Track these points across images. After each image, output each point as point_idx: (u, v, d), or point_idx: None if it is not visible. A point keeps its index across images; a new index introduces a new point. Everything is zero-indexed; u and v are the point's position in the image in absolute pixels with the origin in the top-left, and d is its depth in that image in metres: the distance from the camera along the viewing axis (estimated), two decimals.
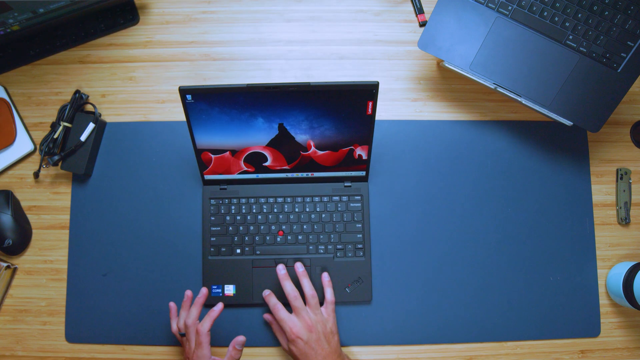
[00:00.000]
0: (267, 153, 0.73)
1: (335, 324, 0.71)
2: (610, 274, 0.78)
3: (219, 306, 0.68)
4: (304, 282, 0.71)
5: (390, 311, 0.77)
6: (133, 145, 0.80)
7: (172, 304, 0.72)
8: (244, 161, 0.74)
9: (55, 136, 0.77)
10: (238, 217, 0.77)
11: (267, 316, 0.75)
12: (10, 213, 0.76)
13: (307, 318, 0.68)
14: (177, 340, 0.75)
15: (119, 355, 0.76)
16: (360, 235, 0.77)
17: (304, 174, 0.77)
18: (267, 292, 0.72)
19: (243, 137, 0.71)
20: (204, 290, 0.70)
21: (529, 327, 0.77)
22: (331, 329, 0.69)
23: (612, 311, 0.78)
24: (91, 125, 0.77)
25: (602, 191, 0.81)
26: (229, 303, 0.75)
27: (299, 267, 0.72)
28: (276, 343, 0.76)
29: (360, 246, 0.77)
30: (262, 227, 0.77)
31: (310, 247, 0.76)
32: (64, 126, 0.77)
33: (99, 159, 0.80)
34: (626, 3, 0.71)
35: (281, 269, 0.72)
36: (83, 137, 0.77)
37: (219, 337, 0.76)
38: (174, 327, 0.71)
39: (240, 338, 0.68)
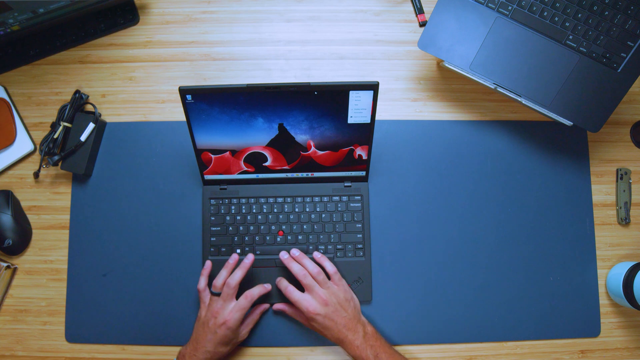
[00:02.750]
0: (267, 153, 0.73)
1: (348, 290, 0.73)
2: (610, 274, 0.78)
3: (250, 257, 0.71)
4: (305, 262, 0.72)
5: (390, 311, 0.77)
6: (133, 145, 0.80)
7: (209, 262, 0.74)
8: (244, 161, 0.74)
9: (55, 136, 0.77)
10: (238, 217, 0.77)
11: (278, 306, 0.76)
12: (10, 213, 0.76)
13: (321, 293, 0.69)
14: (177, 339, 0.75)
15: (119, 355, 0.76)
16: (360, 235, 0.77)
17: (304, 174, 0.77)
18: (278, 279, 0.73)
19: (243, 137, 0.71)
20: (250, 256, 0.72)
21: (529, 327, 0.77)
22: (345, 297, 0.71)
23: (612, 311, 0.78)
24: (91, 125, 0.77)
25: (602, 191, 0.81)
26: None
27: (295, 252, 0.74)
28: (276, 343, 0.76)
29: (360, 246, 0.77)
30: (262, 227, 0.77)
31: (310, 247, 0.76)
32: (64, 126, 0.77)
33: (99, 159, 0.80)
34: (626, 3, 0.71)
35: (284, 254, 0.74)
36: (83, 137, 0.77)
37: None
38: (202, 284, 0.72)
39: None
